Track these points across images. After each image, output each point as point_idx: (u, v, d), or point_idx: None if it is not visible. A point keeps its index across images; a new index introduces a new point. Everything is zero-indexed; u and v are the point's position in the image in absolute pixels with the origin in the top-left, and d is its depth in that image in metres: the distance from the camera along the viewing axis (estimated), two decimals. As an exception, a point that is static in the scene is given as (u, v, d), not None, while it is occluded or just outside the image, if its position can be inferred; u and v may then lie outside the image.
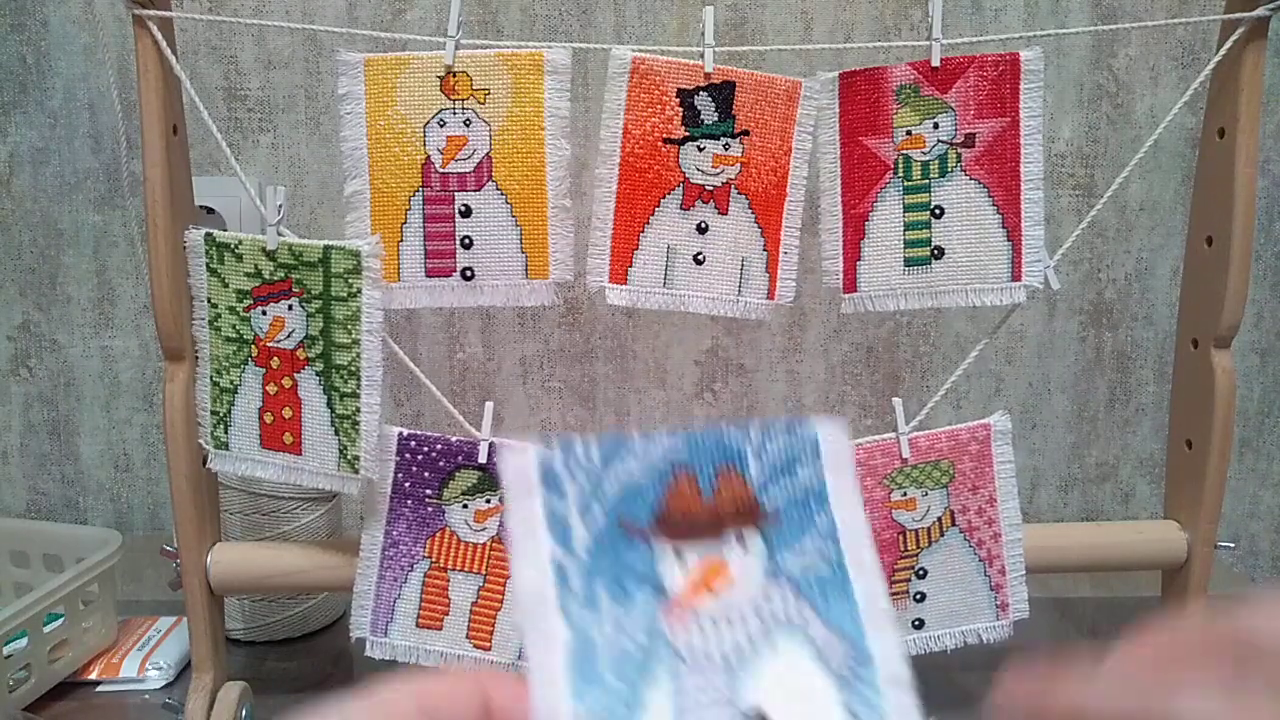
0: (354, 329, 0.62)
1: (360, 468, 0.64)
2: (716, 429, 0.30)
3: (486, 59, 0.63)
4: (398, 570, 0.67)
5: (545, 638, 0.27)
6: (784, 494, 0.30)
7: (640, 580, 0.28)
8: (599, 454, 0.29)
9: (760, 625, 0.28)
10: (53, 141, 0.98)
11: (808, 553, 0.29)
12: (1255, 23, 0.64)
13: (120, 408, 1.03)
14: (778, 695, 0.27)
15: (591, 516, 0.28)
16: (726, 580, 0.28)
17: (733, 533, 0.29)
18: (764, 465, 0.30)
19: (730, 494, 0.29)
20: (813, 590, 0.29)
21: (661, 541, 0.28)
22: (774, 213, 0.66)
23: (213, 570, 0.68)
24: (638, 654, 0.27)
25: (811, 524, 0.29)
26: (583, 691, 0.26)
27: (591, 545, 0.28)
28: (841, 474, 0.30)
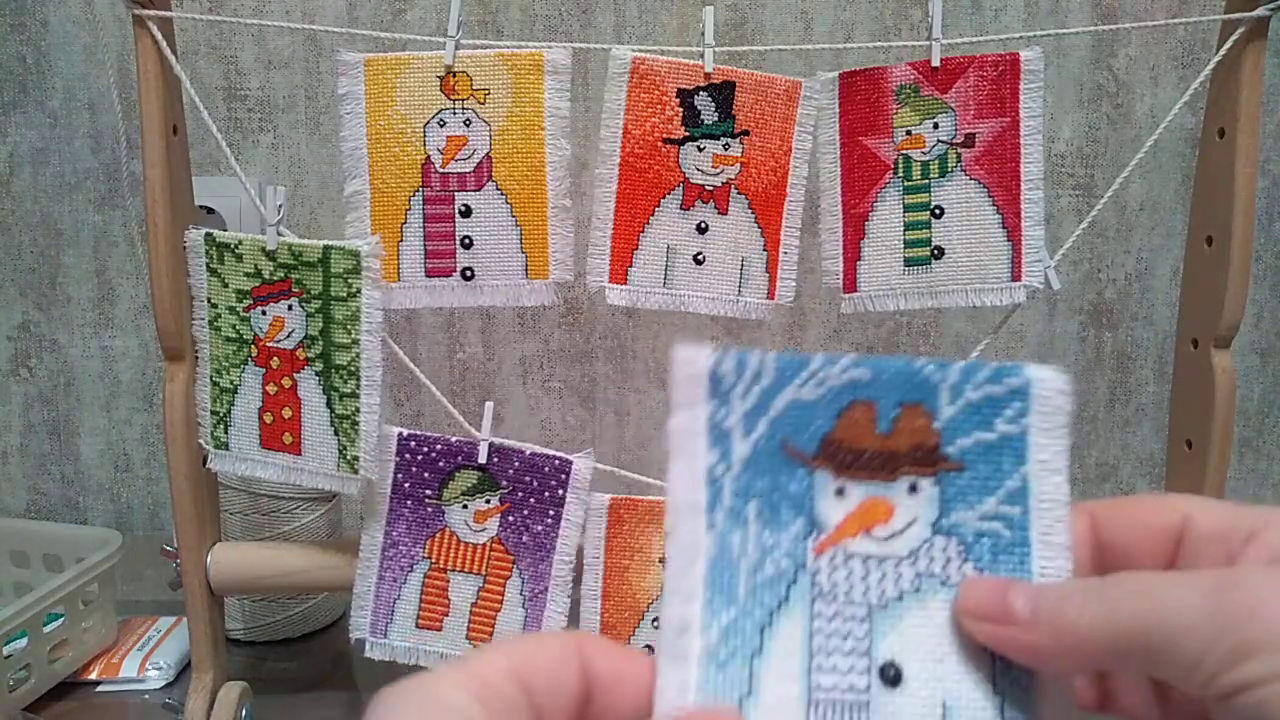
0: (354, 329, 0.62)
1: (360, 468, 0.64)
2: (909, 361, 0.27)
3: (486, 59, 0.63)
4: (397, 571, 0.66)
5: (688, 548, 0.26)
6: (975, 444, 0.27)
7: (794, 507, 0.26)
8: (775, 369, 0.27)
9: (914, 578, 0.26)
10: (53, 141, 0.98)
11: (987, 511, 0.27)
12: (1255, 23, 0.64)
13: (120, 408, 1.03)
14: (916, 652, 0.25)
15: (756, 433, 0.27)
16: (888, 526, 0.26)
17: (907, 478, 0.27)
18: (958, 408, 0.27)
19: (911, 433, 0.27)
20: (983, 553, 0.26)
21: (825, 472, 0.27)
22: (774, 213, 0.66)
23: (213, 570, 0.68)
24: (778, 579, 0.26)
25: (1000, 483, 0.27)
26: (716, 606, 0.26)
27: (750, 463, 0.27)
28: (1049, 432, 0.27)
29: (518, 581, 0.66)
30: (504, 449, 0.65)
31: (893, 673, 0.25)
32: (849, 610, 0.26)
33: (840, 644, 0.26)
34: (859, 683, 0.25)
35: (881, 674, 0.25)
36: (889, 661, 0.25)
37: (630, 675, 0.25)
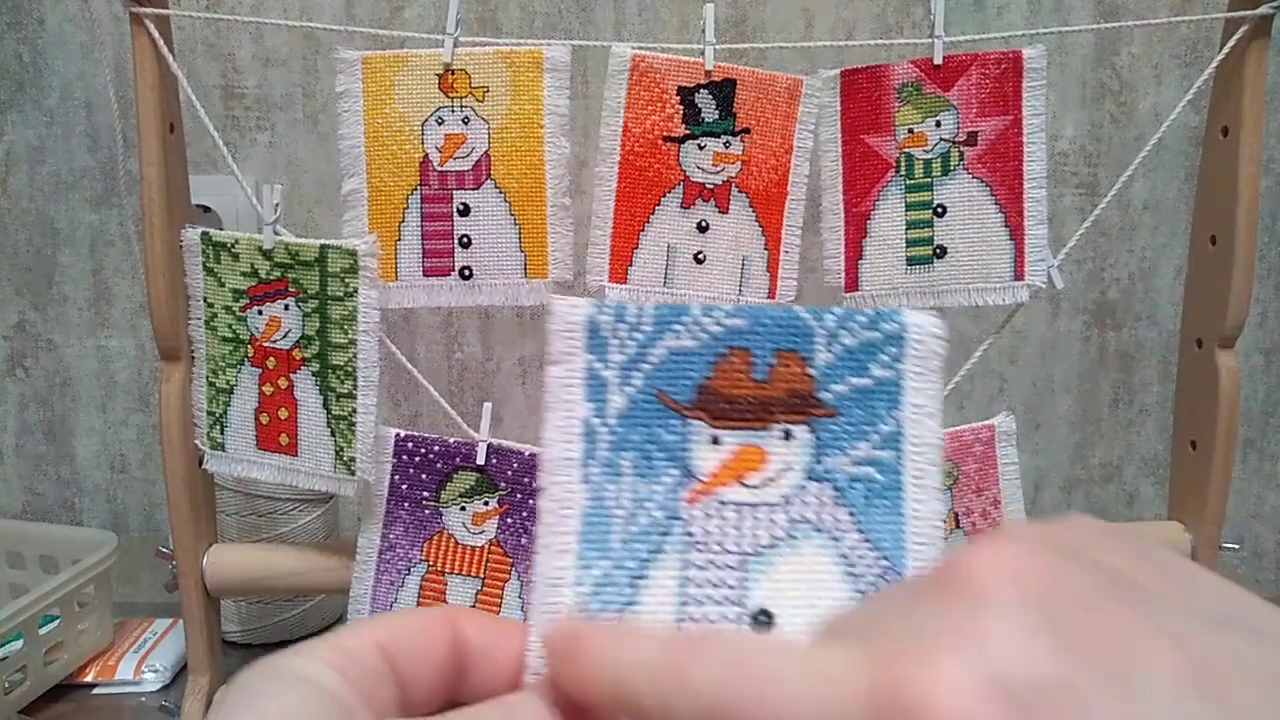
0: (350, 329, 0.62)
1: (356, 469, 0.63)
2: (788, 309, 0.27)
3: (485, 56, 0.62)
4: (395, 573, 0.66)
5: (562, 502, 0.26)
6: (850, 390, 0.27)
7: (669, 457, 0.26)
8: (652, 321, 0.27)
9: (787, 524, 0.26)
10: (49, 140, 0.97)
11: (860, 456, 0.26)
12: (1258, 21, 0.63)
13: (116, 408, 1.03)
14: (789, 599, 0.25)
15: (631, 385, 0.27)
16: (761, 473, 0.26)
17: (781, 425, 0.27)
18: (833, 353, 0.27)
19: (786, 380, 0.27)
20: (856, 498, 0.26)
21: (700, 421, 0.27)
22: (775, 211, 0.66)
23: (209, 572, 0.67)
24: (652, 530, 0.26)
25: (874, 426, 0.27)
26: (590, 560, 0.26)
27: (626, 414, 0.27)
28: (924, 376, 0.27)
29: (516, 584, 0.65)
30: (502, 450, 0.65)
31: (765, 619, 0.25)
32: (722, 559, 0.26)
33: (713, 592, 0.26)
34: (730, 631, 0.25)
35: (754, 621, 0.25)
36: (761, 609, 0.25)
37: (504, 644, 0.25)
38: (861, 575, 0.26)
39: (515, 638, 0.25)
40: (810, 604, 0.25)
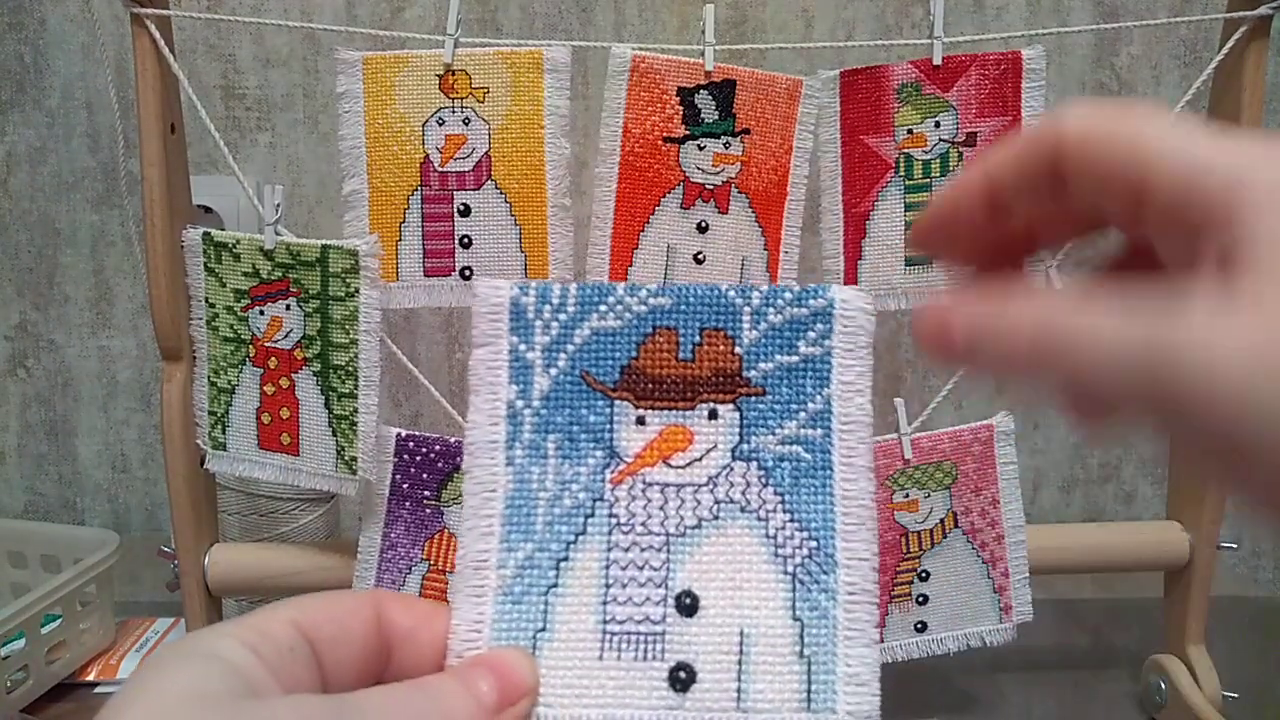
0: (352, 329, 0.62)
1: (358, 469, 0.63)
2: (713, 287, 0.27)
3: (486, 57, 0.62)
4: (396, 572, 0.66)
5: (485, 485, 0.26)
6: (777, 368, 0.26)
7: (593, 438, 0.26)
8: (576, 302, 0.27)
9: (712, 504, 0.26)
10: (50, 140, 0.98)
11: (788, 434, 0.26)
12: (1257, 21, 0.63)
13: (118, 408, 1.03)
14: (713, 581, 0.25)
15: (556, 366, 0.26)
16: (686, 453, 0.26)
17: (706, 404, 0.26)
18: (759, 331, 0.26)
19: (712, 359, 0.26)
20: (783, 477, 0.26)
21: (625, 402, 0.26)
22: (774, 211, 0.66)
23: (210, 571, 0.67)
24: (575, 512, 0.26)
25: (802, 405, 0.26)
26: (514, 542, 0.26)
27: (551, 396, 0.26)
28: (853, 353, 0.26)
29: (517, 583, 0.66)
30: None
31: (689, 601, 0.25)
32: (646, 540, 0.26)
33: (636, 574, 0.25)
34: (654, 613, 0.25)
35: (678, 603, 0.25)
36: (685, 590, 0.25)
37: (429, 627, 0.25)
38: (789, 556, 0.25)
39: (441, 620, 0.25)
40: (736, 585, 0.25)
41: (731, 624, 0.25)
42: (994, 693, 0.76)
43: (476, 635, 0.25)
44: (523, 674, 0.24)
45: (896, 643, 0.68)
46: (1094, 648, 0.84)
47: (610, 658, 0.25)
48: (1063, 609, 0.88)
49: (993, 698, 0.75)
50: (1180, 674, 0.70)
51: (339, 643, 0.24)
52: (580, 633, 0.25)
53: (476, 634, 0.25)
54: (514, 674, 0.24)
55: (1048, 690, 0.78)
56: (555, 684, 0.24)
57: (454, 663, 0.25)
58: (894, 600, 0.68)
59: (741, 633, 0.25)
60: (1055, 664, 0.81)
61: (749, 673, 0.24)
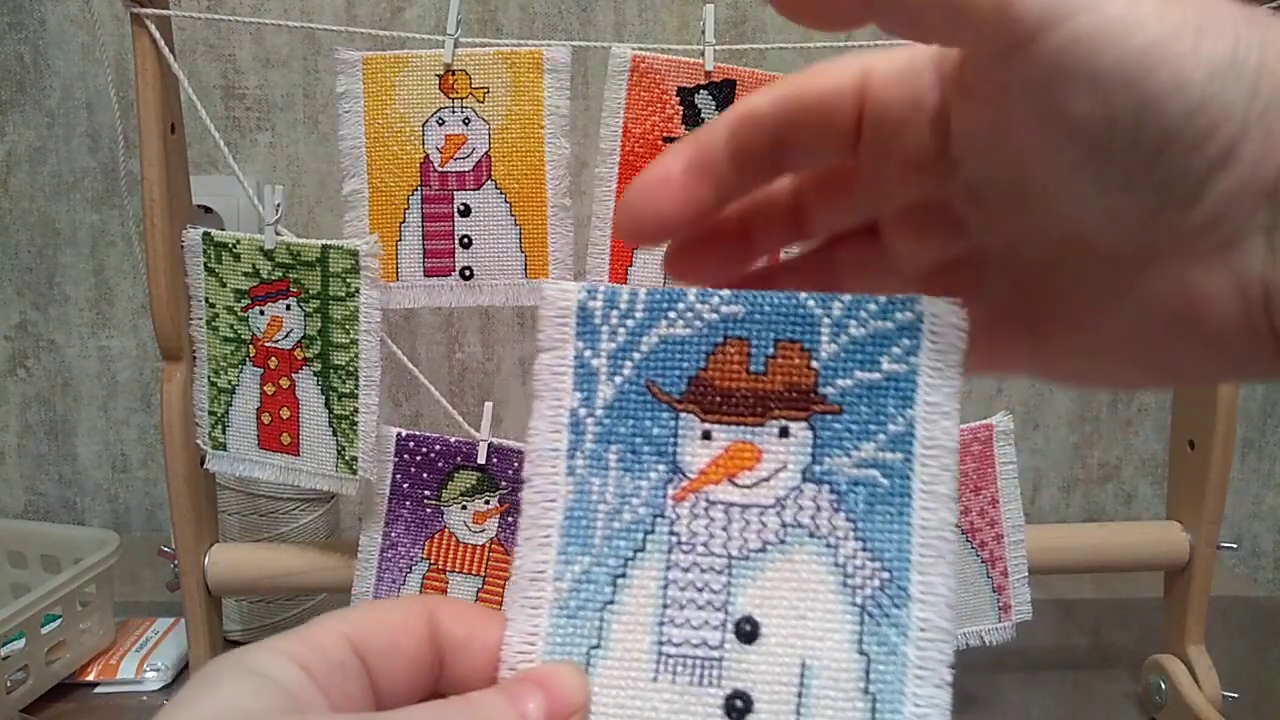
0: (352, 329, 0.62)
1: (358, 468, 0.63)
2: (792, 295, 0.25)
3: (486, 57, 0.62)
4: (396, 572, 0.66)
5: (545, 494, 0.25)
6: (857, 385, 0.25)
7: (656, 452, 0.25)
8: (645, 307, 0.25)
9: (779, 527, 0.24)
10: (50, 140, 0.98)
11: (864, 457, 0.24)
12: (1258, 21, 0.63)
13: (118, 408, 1.03)
14: (775, 607, 0.24)
15: (621, 374, 0.25)
16: (753, 472, 0.25)
17: (777, 421, 0.25)
18: (838, 344, 0.25)
19: (786, 373, 0.25)
20: (857, 501, 0.24)
21: (691, 415, 0.25)
22: (775, 212, 0.66)
23: (210, 571, 0.67)
24: (634, 527, 0.25)
25: (882, 426, 0.24)
26: (571, 555, 0.25)
27: (615, 405, 0.25)
28: (940, 371, 0.24)
29: (517, 582, 0.66)
30: (503, 449, 0.65)
31: (749, 628, 0.24)
32: (707, 561, 0.24)
33: (695, 596, 0.24)
34: (712, 638, 0.24)
35: (737, 629, 0.24)
36: (746, 616, 0.24)
37: (481, 636, 0.24)
38: (859, 587, 0.24)
39: (494, 629, 0.25)
40: (800, 614, 0.24)
41: (793, 654, 0.24)
42: (993, 692, 0.76)
43: (530, 648, 0.24)
44: (573, 691, 0.23)
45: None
46: (1094, 648, 0.84)
47: (665, 680, 0.24)
48: (1062, 609, 0.88)
49: (992, 697, 0.75)
50: (1180, 674, 0.70)
51: (391, 655, 0.24)
52: (635, 652, 0.24)
53: (530, 646, 0.24)
54: (564, 691, 0.23)
55: (1047, 690, 0.78)
56: (607, 703, 0.24)
57: (506, 674, 0.24)
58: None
59: (803, 664, 0.24)
60: (1054, 664, 0.81)
61: (809, 706, 0.23)
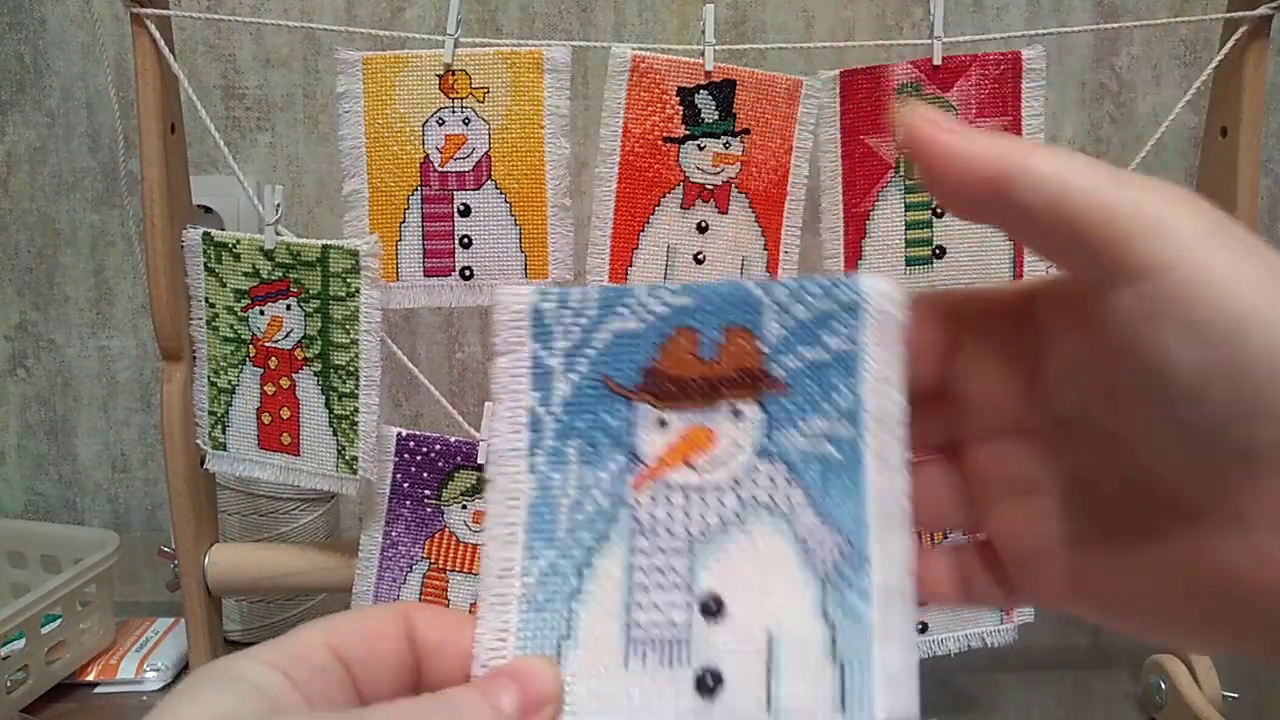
0: (352, 329, 0.62)
1: (358, 468, 0.63)
2: (736, 282, 0.26)
3: (486, 57, 0.62)
4: (397, 571, 0.66)
5: (508, 492, 0.26)
6: (803, 363, 0.25)
7: (614, 442, 0.26)
8: (597, 304, 0.26)
9: (738, 505, 0.25)
10: (50, 140, 0.98)
11: (815, 431, 0.25)
12: (1258, 21, 0.63)
13: (118, 408, 1.03)
14: (738, 582, 0.24)
15: (576, 371, 0.26)
16: (709, 454, 0.25)
17: (728, 402, 0.26)
18: (784, 326, 0.26)
19: (735, 357, 0.26)
20: (811, 474, 0.25)
21: (646, 404, 0.26)
22: (774, 212, 0.66)
23: (210, 571, 0.67)
24: (597, 518, 0.25)
25: (829, 398, 0.25)
26: (537, 550, 0.25)
27: (572, 401, 0.26)
28: (883, 345, 0.25)
29: (517, 582, 0.66)
30: (503, 449, 0.65)
31: (714, 605, 0.24)
32: (669, 544, 0.25)
33: (660, 579, 0.25)
34: (678, 617, 0.24)
35: (703, 607, 0.24)
36: (710, 593, 0.24)
37: (455, 639, 0.25)
38: (819, 557, 0.24)
39: (468, 631, 0.25)
40: (762, 588, 0.24)
41: (758, 627, 0.24)
42: (994, 693, 0.76)
43: (501, 644, 0.25)
44: (545, 682, 0.24)
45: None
46: (1093, 648, 0.84)
47: (635, 664, 0.24)
48: (1062, 609, 0.88)
49: (993, 698, 0.75)
50: (1180, 674, 0.70)
51: (371, 661, 0.24)
52: (605, 639, 0.24)
53: (501, 643, 0.25)
54: (536, 683, 0.24)
55: (1047, 690, 0.78)
56: (580, 692, 0.24)
57: (479, 672, 0.25)
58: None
59: (769, 635, 0.24)
60: (1055, 664, 0.81)
61: (778, 676, 0.24)
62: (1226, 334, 0.21)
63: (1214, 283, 0.21)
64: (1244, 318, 0.20)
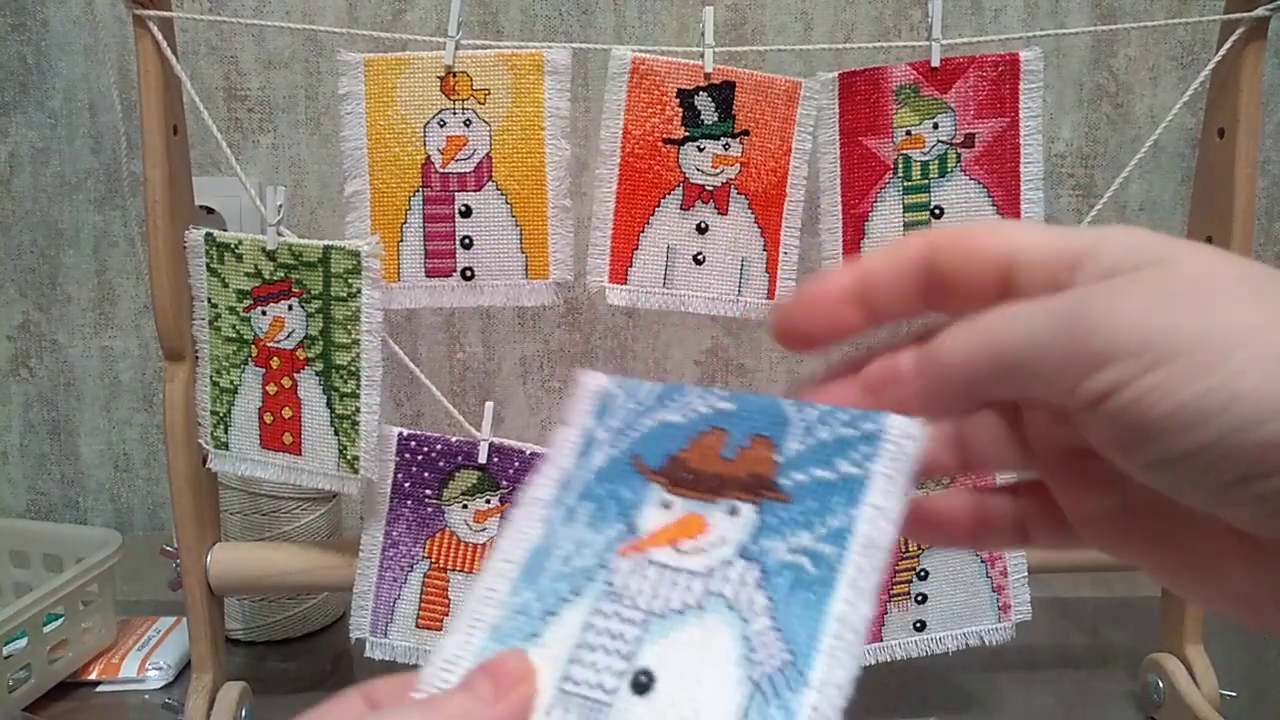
0: (354, 329, 0.62)
1: (360, 468, 0.64)
2: (775, 399, 0.28)
3: (487, 59, 0.63)
4: (398, 571, 0.66)
5: (517, 533, 0.28)
6: (811, 480, 0.27)
7: (620, 513, 0.27)
8: (655, 397, 0.29)
9: (702, 594, 0.26)
10: (53, 141, 0.98)
11: (799, 546, 0.26)
12: (1255, 23, 0.64)
13: (120, 408, 1.03)
14: (675, 665, 0.25)
15: (616, 447, 0.28)
16: (694, 541, 0.27)
17: (729, 500, 0.27)
18: (804, 444, 0.27)
19: (752, 462, 0.27)
20: (780, 585, 0.26)
21: (659, 486, 0.28)
22: (774, 213, 0.66)
23: (212, 570, 0.68)
24: (578, 574, 0.27)
25: (823, 520, 0.26)
26: (520, 589, 0.27)
27: (602, 471, 0.28)
28: (892, 480, 0.26)
29: (518, 581, 0.66)
30: (504, 449, 0.65)
31: (645, 680, 0.25)
32: (628, 613, 0.26)
33: (607, 642, 0.26)
34: (609, 683, 0.25)
35: (634, 680, 0.25)
36: (644, 669, 0.25)
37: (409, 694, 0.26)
38: (759, 663, 0.25)
39: None
40: (695, 678, 0.25)
41: (676, 713, 0.24)
42: (992, 691, 0.76)
43: (455, 661, 0.26)
44: (516, 666, 0.25)
45: (895, 641, 0.69)
46: (1092, 646, 0.84)
47: (556, 715, 0.25)
48: (1061, 608, 0.88)
49: (991, 696, 0.76)
50: (1178, 673, 0.71)
51: None
52: (540, 686, 0.25)
53: (457, 658, 0.26)
54: (506, 666, 0.25)
55: (1046, 689, 0.78)
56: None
57: (426, 679, 0.25)
58: (893, 599, 0.69)
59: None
60: (1053, 663, 0.81)
61: None
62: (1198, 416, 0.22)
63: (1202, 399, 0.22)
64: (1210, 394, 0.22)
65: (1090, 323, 0.24)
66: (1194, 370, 0.22)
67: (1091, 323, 0.24)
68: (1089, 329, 0.23)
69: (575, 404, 0.29)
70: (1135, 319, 0.23)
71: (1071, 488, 0.29)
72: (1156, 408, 0.23)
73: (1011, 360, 0.25)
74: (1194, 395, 0.22)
